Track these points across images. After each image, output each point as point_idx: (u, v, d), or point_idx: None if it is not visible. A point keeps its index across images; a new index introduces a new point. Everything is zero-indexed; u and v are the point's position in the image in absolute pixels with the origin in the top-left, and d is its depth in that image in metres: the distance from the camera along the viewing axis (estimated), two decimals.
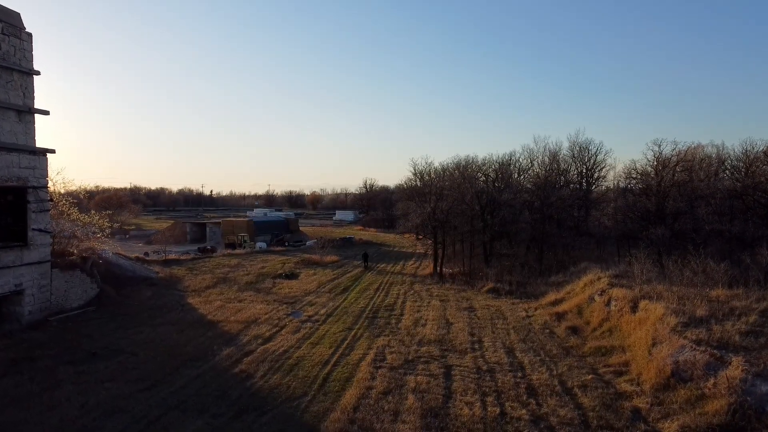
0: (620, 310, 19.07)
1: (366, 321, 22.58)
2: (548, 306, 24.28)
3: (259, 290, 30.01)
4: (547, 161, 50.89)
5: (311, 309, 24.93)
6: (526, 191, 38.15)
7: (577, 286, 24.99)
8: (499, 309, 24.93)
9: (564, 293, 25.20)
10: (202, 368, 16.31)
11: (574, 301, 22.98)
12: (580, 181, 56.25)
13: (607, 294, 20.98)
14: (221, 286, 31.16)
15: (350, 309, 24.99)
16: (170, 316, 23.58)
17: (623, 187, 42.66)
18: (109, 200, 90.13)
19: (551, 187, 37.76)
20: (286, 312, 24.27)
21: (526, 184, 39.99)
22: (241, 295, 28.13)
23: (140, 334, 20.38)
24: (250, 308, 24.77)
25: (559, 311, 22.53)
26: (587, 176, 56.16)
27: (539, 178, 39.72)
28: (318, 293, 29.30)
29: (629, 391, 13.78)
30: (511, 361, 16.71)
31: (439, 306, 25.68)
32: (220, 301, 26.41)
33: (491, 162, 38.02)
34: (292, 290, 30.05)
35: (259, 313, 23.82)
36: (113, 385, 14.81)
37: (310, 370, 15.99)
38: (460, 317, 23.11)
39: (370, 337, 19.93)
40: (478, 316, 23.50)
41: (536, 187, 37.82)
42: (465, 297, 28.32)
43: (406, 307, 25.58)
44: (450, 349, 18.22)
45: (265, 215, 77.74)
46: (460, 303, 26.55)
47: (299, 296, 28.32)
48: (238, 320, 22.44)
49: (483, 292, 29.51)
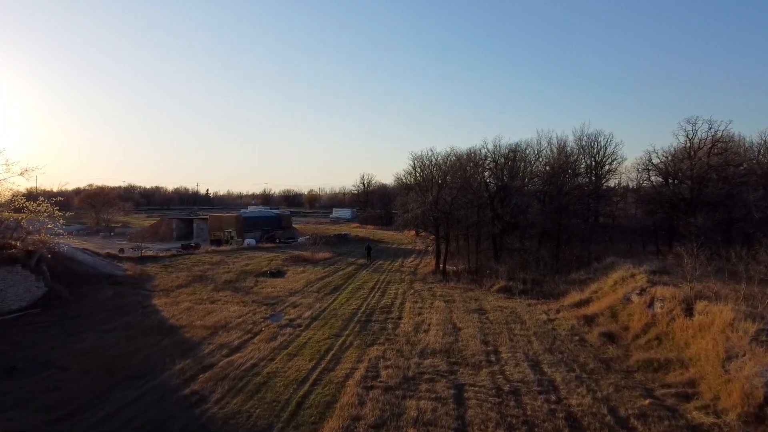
0: (669, 312, 15.48)
1: (358, 326, 18.97)
2: (572, 307, 20.68)
3: (237, 290, 26.37)
4: (555, 152, 47.24)
5: (294, 311, 21.31)
6: (537, 176, 34.29)
7: (605, 284, 21.41)
8: (514, 311, 21.32)
9: (589, 292, 21.61)
10: (143, 388, 12.70)
11: (604, 301, 19.39)
12: (589, 174, 52.59)
13: (649, 293, 17.38)
14: (195, 284, 27.51)
15: (340, 311, 21.37)
16: (127, 319, 19.94)
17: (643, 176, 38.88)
18: (94, 197, 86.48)
19: (565, 175, 34.14)
20: (265, 315, 20.64)
21: (535, 175, 36.16)
22: (216, 296, 24.49)
23: (82, 342, 16.75)
24: (222, 310, 21.15)
25: (588, 314, 18.93)
26: (596, 169, 52.50)
27: (550, 168, 35.89)
28: (304, 293, 25.67)
29: (707, 424, 10.20)
30: (540, 379, 13.11)
31: (444, 307, 22.07)
32: (189, 302, 22.77)
33: (499, 147, 34.30)
34: (275, 289, 26.42)
35: (231, 316, 20.20)
36: (17, 414, 11.20)
37: (282, 392, 12.38)
38: (469, 321, 19.51)
39: (361, 345, 16.32)
40: (491, 319, 19.90)
41: (549, 175, 34.06)
42: (473, 297, 24.71)
43: (405, 308, 21.98)
44: (460, 361, 14.62)
45: (259, 212, 74.02)
46: (468, 304, 22.94)
47: (282, 296, 24.68)
48: (204, 325, 18.81)
49: (493, 291, 25.89)
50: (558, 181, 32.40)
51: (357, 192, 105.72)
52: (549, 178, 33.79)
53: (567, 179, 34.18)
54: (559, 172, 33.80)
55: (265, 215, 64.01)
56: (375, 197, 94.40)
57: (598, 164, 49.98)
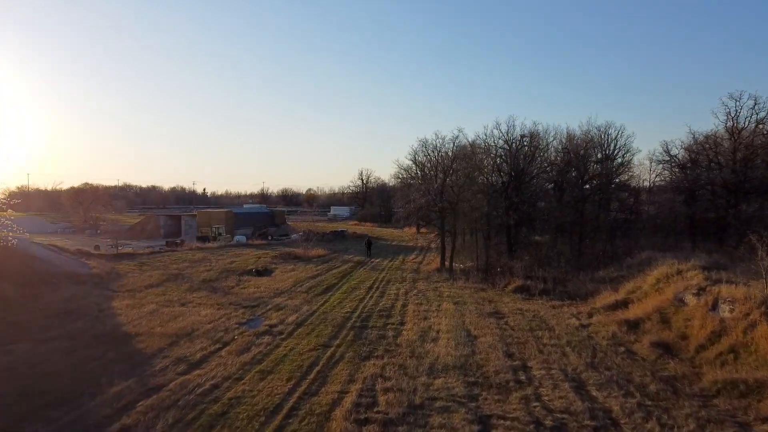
0: (745, 317, 12.21)
1: (351, 333, 15.69)
2: (607, 310, 17.41)
3: (215, 290, 23.09)
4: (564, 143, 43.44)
5: (277, 315, 18.03)
6: (552, 164, 30.81)
7: (644, 283, 18.15)
8: (537, 314, 18.05)
9: (625, 292, 18.35)
10: (58, 422, 9.43)
11: (648, 303, 16.12)
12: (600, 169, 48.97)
13: (709, 293, 14.11)
14: (169, 284, 24.23)
15: (331, 315, 18.09)
16: (75, 325, 16.63)
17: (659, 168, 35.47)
18: (82, 195, 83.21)
19: (587, 161, 30.75)
20: (241, 319, 17.36)
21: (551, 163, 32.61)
22: (188, 296, 21.21)
23: (7, 356, 13.44)
24: (192, 314, 17.86)
25: (629, 318, 15.65)
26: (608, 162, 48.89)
27: (565, 154, 32.37)
28: (292, 293, 22.39)
29: None
30: (591, 408, 9.83)
31: (454, 310, 18.79)
32: (155, 305, 19.48)
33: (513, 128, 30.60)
34: (258, 290, 23.13)
35: (200, 321, 16.92)
36: None
37: (243, 428, 9.10)
38: (485, 327, 16.23)
39: (354, 359, 13.05)
40: (511, 324, 16.62)
41: (565, 162, 30.58)
42: (486, 298, 21.44)
43: (408, 312, 18.71)
44: (481, 381, 11.35)
45: (251, 209, 70.77)
46: (482, 306, 19.67)
47: (266, 298, 21.40)
48: (165, 332, 15.52)
49: (509, 291, 22.61)
50: (581, 165, 29.05)
51: (355, 189, 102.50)
52: (565, 166, 30.42)
53: (589, 165, 30.78)
54: (576, 158, 30.43)
55: (257, 211, 60.71)
56: (374, 194, 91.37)
57: (609, 157, 46.29)
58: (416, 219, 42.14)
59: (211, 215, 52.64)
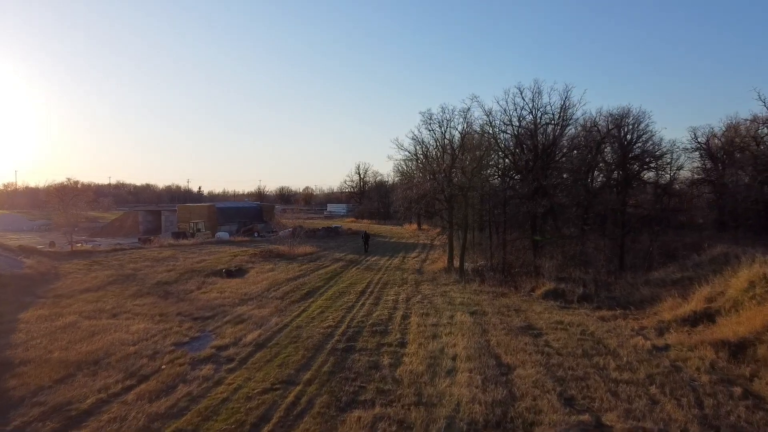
0: None
1: (330, 361, 11.00)
2: (683, 325, 12.76)
3: (168, 295, 18.41)
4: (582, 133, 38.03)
5: (233, 331, 13.34)
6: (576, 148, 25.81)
7: (730, 287, 13.49)
8: (586, 330, 13.39)
9: (703, 300, 13.69)
10: None
11: (752, 317, 11.46)
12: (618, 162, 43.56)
13: None
14: (113, 287, 19.57)
15: (306, 331, 13.42)
16: None
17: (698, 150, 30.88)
18: (62, 193, 78.95)
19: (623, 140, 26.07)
20: (182, 338, 12.68)
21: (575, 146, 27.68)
22: (128, 305, 16.52)
23: None
24: (118, 330, 13.18)
25: (729, 339, 10.98)
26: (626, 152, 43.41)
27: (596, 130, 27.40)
28: (262, 299, 17.72)
29: None
30: None
31: (472, 324, 14.10)
32: (76, 316, 14.79)
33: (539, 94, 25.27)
34: (222, 295, 18.46)
35: (124, 340, 12.23)
36: None
37: None
38: (520, 350, 11.54)
39: (328, 410, 8.37)
40: (555, 346, 11.94)
41: (599, 139, 25.66)
42: (510, 306, 16.76)
43: (410, 326, 14.04)
44: None
45: (237, 203, 66.17)
46: (508, 318, 14.99)
47: (228, 306, 16.72)
48: (65, 359, 10.84)
49: (537, 297, 17.96)
50: (614, 143, 24.42)
51: (352, 185, 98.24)
52: (597, 145, 25.55)
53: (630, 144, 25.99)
54: (616, 134, 25.71)
55: (244, 206, 56.14)
56: (372, 190, 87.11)
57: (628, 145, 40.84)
58: (418, 210, 37.11)
59: (191, 210, 48.04)
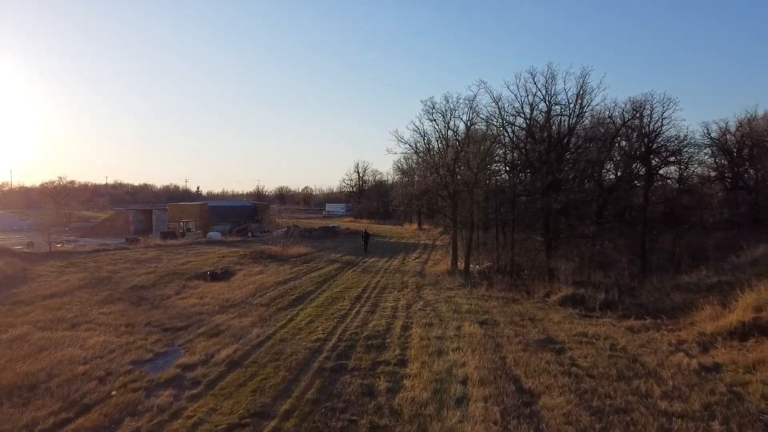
0: None
1: (315, 385, 9.14)
2: (731, 338, 10.92)
3: (141, 301, 16.56)
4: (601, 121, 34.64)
5: (205, 345, 11.48)
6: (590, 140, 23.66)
7: None
8: (616, 344, 11.52)
9: (751, 309, 11.84)
10: None
11: None
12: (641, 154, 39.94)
13: None
14: (82, 292, 17.72)
15: (290, 346, 11.55)
16: None
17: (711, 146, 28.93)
18: (54, 192, 77.42)
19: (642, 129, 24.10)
20: (144, 355, 10.83)
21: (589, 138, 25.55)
22: (93, 313, 14.67)
23: None
24: (72, 344, 11.33)
25: None
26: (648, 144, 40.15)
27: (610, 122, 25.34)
28: (245, 306, 15.86)
29: None
30: None
31: (482, 337, 12.23)
32: (30, 326, 12.95)
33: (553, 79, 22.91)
34: (202, 301, 16.61)
35: (76, 357, 10.38)
36: None
37: None
38: (543, 372, 9.68)
39: None
40: (583, 365, 10.08)
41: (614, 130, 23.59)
42: (524, 314, 14.89)
43: (412, 339, 12.18)
44: None
45: (230, 202, 64.38)
46: (523, 329, 13.12)
47: (206, 314, 14.86)
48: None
49: (553, 303, 16.10)
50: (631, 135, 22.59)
51: (351, 184, 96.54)
52: (614, 134, 23.44)
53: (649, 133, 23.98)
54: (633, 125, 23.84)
55: (237, 205, 54.29)
56: (371, 189, 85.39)
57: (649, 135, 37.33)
58: (419, 208, 35.09)
59: (183, 209, 46.20)
